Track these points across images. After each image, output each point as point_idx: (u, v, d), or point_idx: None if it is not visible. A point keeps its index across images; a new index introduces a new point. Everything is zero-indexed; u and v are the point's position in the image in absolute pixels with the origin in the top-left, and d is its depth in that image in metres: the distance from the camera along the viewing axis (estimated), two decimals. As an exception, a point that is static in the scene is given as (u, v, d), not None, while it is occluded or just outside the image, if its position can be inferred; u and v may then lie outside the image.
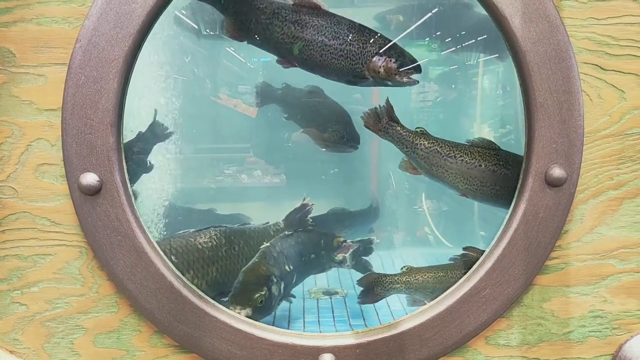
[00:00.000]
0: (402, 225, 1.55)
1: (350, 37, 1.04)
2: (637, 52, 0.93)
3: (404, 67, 1.03)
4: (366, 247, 1.33)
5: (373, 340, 0.96)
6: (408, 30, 1.30)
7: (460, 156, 1.08)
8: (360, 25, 1.06)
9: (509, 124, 1.33)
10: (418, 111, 1.42)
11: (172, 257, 1.10)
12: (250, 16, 1.06)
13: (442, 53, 1.34)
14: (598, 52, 0.93)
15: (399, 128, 1.11)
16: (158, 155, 1.32)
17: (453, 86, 1.45)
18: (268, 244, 1.20)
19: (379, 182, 1.53)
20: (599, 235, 0.98)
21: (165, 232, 1.24)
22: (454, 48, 1.33)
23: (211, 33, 1.19)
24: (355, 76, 1.05)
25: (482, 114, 1.41)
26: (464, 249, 1.08)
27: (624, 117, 0.95)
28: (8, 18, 0.88)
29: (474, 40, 1.30)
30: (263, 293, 1.08)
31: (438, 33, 1.31)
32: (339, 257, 1.30)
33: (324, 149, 1.27)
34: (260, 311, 1.07)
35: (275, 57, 1.09)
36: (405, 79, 1.04)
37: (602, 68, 0.94)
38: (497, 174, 1.06)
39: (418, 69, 1.05)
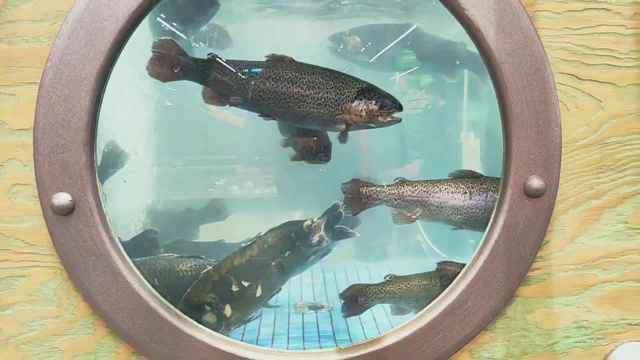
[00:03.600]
0: (395, 233, 1.54)
1: (326, 85, 1.05)
2: (612, 62, 0.93)
3: (385, 107, 1.04)
4: (334, 215, 1.27)
5: (356, 356, 0.95)
6: (397, 41, 1.30)
7: (446, 188, 1.09)
8: (335, 71, 1.07)
9: (497, 131, 1.33)
10: (409, 119, 1.42)
11: (155, 280, 1.09)
12: (228, 81, 1.07)
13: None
14: (574, 62, 0.93)
15: (378, 189, 1.12)
16: (147, 167, 1.32)
17: (442, 94, 1.46)
18: (210, 268, 1.17)
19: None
20: (580, 245, 0.97)
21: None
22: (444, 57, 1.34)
23: (201, 45, 1.19)
24: (337, 122, 1.06)
25: (469, 122, 1.41)
26: (439, 264, 1.08)
27: (602, 126, 0.95)
28: (-22, 38, 0.87)
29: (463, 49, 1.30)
30: None
31: (427, 42, 1.32)
32: (315, 239, 1.26)
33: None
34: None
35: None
36: (388, 119, 1.04)
37: (578, 78, 0.93)
38: (484, 197, 1.06)
39: (399, 107, 1.05)
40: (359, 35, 1.30)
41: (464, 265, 0.98)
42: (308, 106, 1.05)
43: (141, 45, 1.01)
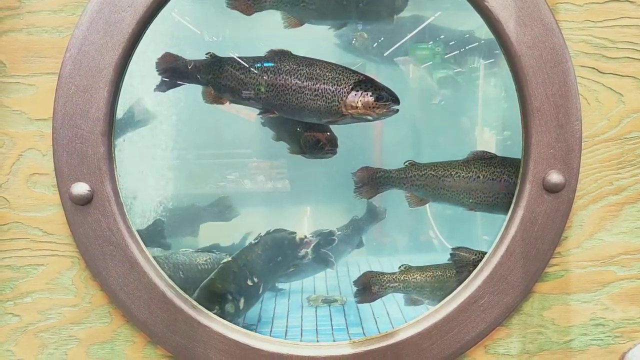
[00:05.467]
0: (406, 229, 1.54)
1: (324, 76, 1.05)
2: (634, 55, 0.92)
3: (381, 99, 1.03)
4: (327, 240, 1.33)
5: (370, 350, 0.95)
6: (406, 39, 1.29)
7: (456, 172, 1.09)
8: (333, 64, 1.07)
9: (514, 126, 1.32)
10: (424, 114, 1.42)
11: (180, 273, 1.12)
12: (227, 78, 1.08)
13: (446, 56, 1.33)
14: (595, 55, 0.92)
15: (387, 174, 1.13)
16: (159, 161, 1.33)
17: (456, 89, 1.45)
18: (229, 259, 1.20)
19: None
20: (599, 242, 0.96)
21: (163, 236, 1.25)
22: (458, 51, 1.33)
23: (214, 39, 1.19)
24: (334, 114, 1.05)
25: (485, 117, 1.40)
26: (454, 249, 1.07)
27: (623, 120, 0.93)
28: (-2, 28, 0.88)
29: (477, 43, 1.29)
30: (214, 312, 1.06)
31: (442, 36, 1.31)
32: (302, 252, 1.30)
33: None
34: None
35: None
36: (384, 111, 1.04)
37: (599, 71, 0.92)
38: (498, 181, 1.05)
39: (396, 100, 1.05)
40: (366, 30, 1.30)
41: (478, 251, 0.97)
42: (306, 97, 1.05)
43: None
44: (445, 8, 1.28)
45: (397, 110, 1.05)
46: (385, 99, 1.04)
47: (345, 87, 1.04)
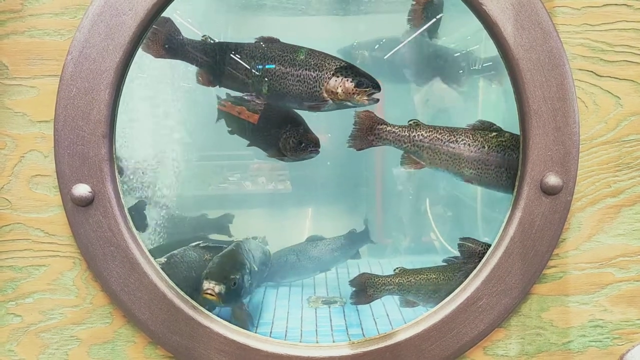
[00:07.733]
0: (408, 231, 1.54)
1: (307, 63, 1.06)
2: (632, 58, 0.92)
3: (361, 86, 1.03)
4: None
5: (369, 350, 0.95)
6: (405, 41, 1.30)
7: (462, 140, 1.06)
8: (316, 50, 1.08)
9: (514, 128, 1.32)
10: (423, 117, 1.42)
11: (193, 272, 1.14)
12: (220, 62, 1.10)
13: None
14: (593, 58, 0.92)
15: (390, 128, 1.09)
16: (162, 162, 1.33)
17: (457, 90, 1.45)
18: (240, 240, 1.24)
19: (383, 188, 1.52)
20: (597, 244, 0.96)
21: (163, 240, 1.26)
22: (459, 53, 1.33)
23: (215, 40, 1.20)
24: (315, 100, 1.06)
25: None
26: (462, 239, 1.06)
27: (621, 123, 0.94)
28: (0, 31, 0.89)
29: (478, 46, 1.29)
30: (237, 276, 1.12)
31: (444, 38, 1.31)
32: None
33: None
34: (230, 295, 1.10)
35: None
36: (364, 98, 1.04)
37: (597, 74, 0.93)
38: (501, 155, 1.03)
39: (377, 87, 1.04)
40: (366, 48, 1.31)
41: (484, 243, 0.98)
42: (288, 83, 1.06)
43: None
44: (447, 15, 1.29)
45: (378, 100, 1.05)
46: (366, 85, 1.03)
47: (326, 73, 1.05)
